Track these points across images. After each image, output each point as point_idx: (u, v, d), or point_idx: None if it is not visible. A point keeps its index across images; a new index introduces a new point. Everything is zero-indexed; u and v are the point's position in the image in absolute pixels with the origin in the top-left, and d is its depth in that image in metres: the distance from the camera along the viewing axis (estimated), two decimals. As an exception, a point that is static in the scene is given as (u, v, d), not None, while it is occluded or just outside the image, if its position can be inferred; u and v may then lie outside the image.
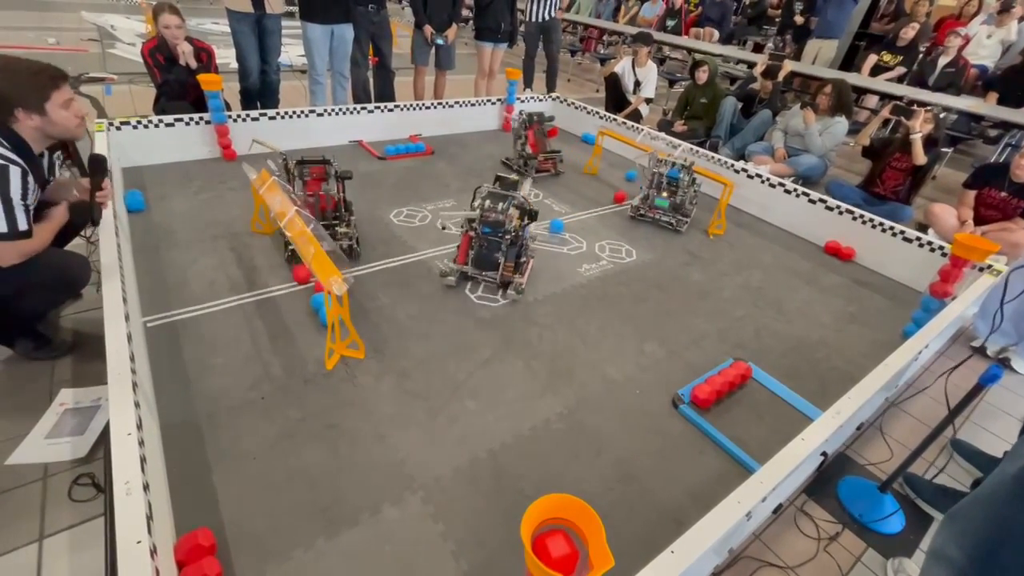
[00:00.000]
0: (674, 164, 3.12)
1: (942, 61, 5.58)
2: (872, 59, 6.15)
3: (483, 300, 2.37)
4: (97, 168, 1.86)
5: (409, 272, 2.52)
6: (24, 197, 1.62)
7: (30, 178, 1.64)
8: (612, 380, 2.00)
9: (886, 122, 4.85)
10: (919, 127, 3.61)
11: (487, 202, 2.31)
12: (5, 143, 1.61)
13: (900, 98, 4.88)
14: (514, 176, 2.45)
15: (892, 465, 1.76)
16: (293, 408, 1.72)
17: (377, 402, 1.78)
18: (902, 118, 3.78)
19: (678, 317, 2.42)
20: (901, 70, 5.98)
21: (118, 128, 3.11)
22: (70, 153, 1.91)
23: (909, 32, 5.84)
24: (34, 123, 1.67)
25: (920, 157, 3.61)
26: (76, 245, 2.24)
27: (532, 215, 2.37)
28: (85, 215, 2.19)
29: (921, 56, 5.97)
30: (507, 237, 2.35)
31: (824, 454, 1.73)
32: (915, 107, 3.93)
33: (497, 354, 2.06)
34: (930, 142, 3.66)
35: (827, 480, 1.79)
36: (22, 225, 1.64)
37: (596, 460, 1.67)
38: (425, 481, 1.53)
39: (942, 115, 3.94)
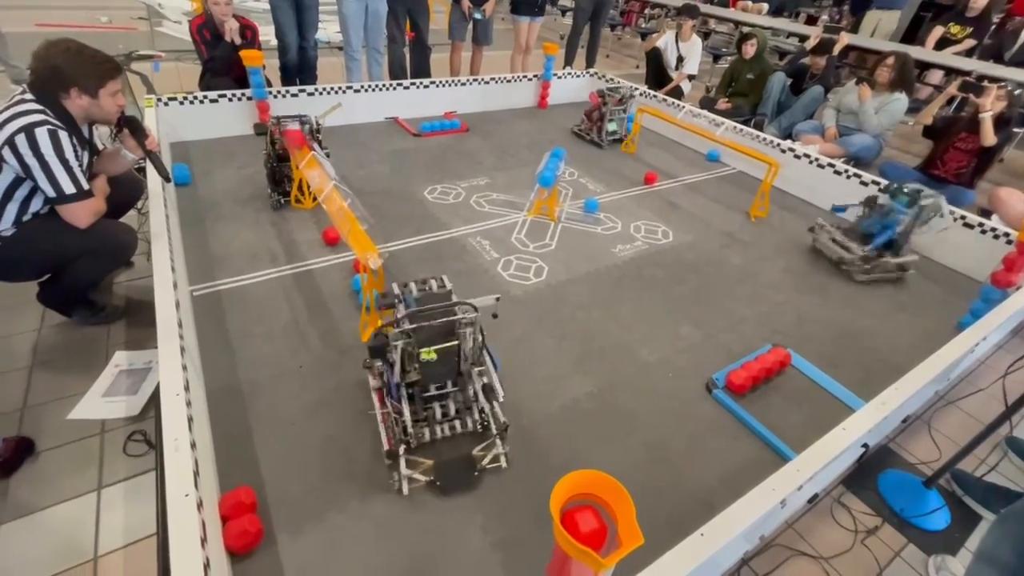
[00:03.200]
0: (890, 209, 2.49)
1: None
2: (938, 31, 5.70)
3: (515, 278, 2.36)
4: (137, 127, 2.00)
5: (442, 249, 2.53)
6: (77, 159, 1.75)
7: (75, 140, 1.76)
8: (645, 362, 1.97)
9: (950, 100, 4.51)
10: (989, 105, 3.35)
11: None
12: (50, 113, 1.71)
13: (969, 73, 4.52)
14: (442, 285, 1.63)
15: (939, 462, 1.68)
16: (329, 378, 1.77)
17: (409, 375, 1.81)
18: (971, 95, 3.49)
19: (715, 300, 2.35)
20: (971, 43, 5.52)
21: (166, 104, 3.21)
22: (120, 129, 2.03)
23: (980, 1, 5.37)
24: (83, 103, 1.79)
25: (990, 137, 3.35)
26: (128, 217, 2.35)
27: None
28: (136, 191, 2.29)
29: (994, 27, 5.50)
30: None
31: (865, 445, 1.66)
32: (986, 83, 3.63)
33: (528, 331, 2.06)
34: (1001, 121, 3.39)
35: (867, 472, 1.73)
36: (86, 185, 1.77)
37: (626, 440, 1.66)
38: (455, 453, 1.56)
39: (1017, 92, 3.62)
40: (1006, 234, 2.62)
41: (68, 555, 1.33)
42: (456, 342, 1.46)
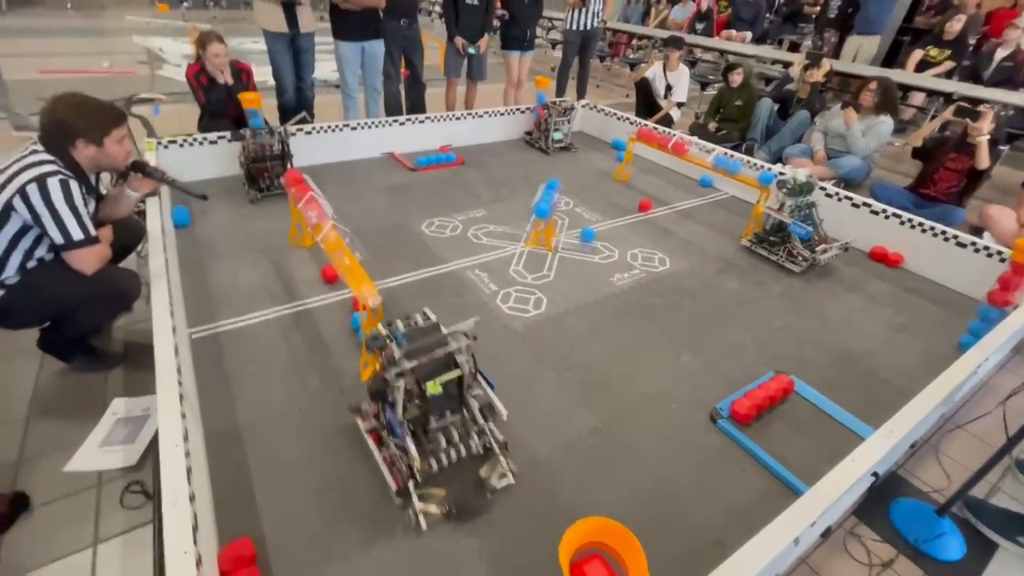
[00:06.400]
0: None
1: (1000, 54, 5.29)
2: (918, 54, 5.89)
3: (514, 310, 2.36)
4: (147, 168, 2.13)
5: (440, 283, 2.54)
6: (86, 206, 1.78)
7: (83, 188, 1.79)
8: (647, 393, 1.96)
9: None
10: (986, 129, 3.41)
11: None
12: (61, 163, 1.75)
13: (950, 95, 4.65)
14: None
15: (949, 488, 1.66)
16: (329, 419, 1.75)
17: (411, 414, 1.79)
18: (968, 120, 3.55)
19: (714, 327, 2.35)
20: (950, 65, 5.69)
21: (166, 147, 3.26)
22: (125, 176, 2.11)
23: (956, 25, 5.57)
24: (90, 152, 1.83)
25: (985, 160, 3.41)
26: (128, 262, 2.35)
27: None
28: (136, 235, 2.31)
29: (971, 49, 5.68)
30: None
31: (875, 474, 1.64)
32: (982, 108, 3.69)
33: (529, 366, 2.05)
34: (989, 142, 3.46)
35: (878, 501, 1.70)
36: (93, 231, 1.79)
37: (632, 476, 1.63)
38: (459, 495, 1.53)
39: (1003, 113, 3.71)
40: (999, 252, 2.64)
41: (62, 616, 1.28)
42: (459, 372, 1.47)
